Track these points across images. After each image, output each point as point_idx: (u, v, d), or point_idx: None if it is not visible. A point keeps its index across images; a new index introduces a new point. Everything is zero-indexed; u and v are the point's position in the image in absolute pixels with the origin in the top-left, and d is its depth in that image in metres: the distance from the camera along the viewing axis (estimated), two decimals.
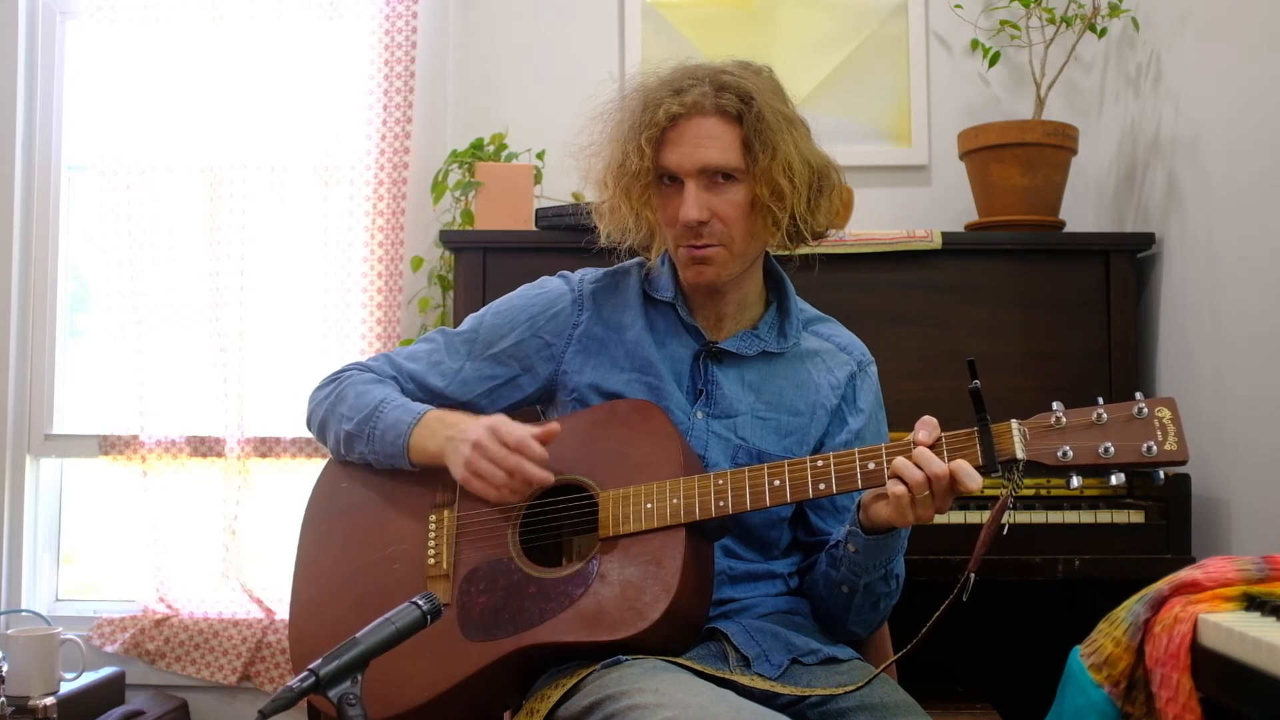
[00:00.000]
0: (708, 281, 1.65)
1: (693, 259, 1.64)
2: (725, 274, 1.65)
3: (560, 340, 1.74)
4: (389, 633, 1.29)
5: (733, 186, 1.60)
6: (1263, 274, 2.08)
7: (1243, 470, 2.16)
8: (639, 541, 1.53)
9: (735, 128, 1.59)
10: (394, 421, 1.66)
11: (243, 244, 2.86)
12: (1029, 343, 2.44)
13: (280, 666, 2.81)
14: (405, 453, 1.66)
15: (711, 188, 1.60)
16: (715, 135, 1.59)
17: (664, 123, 1.59)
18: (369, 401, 1.69)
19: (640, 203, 1.65)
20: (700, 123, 1.59)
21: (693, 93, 1.59)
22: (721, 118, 1.59)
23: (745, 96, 1.59)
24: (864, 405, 1.73)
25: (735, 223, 1.61)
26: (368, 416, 1.68)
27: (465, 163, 2.69)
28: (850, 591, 1.60)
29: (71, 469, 3.05)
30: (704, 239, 1.62)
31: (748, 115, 1.58)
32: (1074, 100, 2.83)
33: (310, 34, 2.87)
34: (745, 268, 1.67)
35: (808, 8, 2.90)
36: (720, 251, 1.63)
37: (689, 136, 1.60)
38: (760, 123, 1.58)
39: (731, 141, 1.59)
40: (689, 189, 1.60)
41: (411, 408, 1.67)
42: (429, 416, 1.66)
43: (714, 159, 1.59)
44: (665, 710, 1.29)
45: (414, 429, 1.65)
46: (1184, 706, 1.16)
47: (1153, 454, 1.38)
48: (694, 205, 1.59)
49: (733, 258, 1.64)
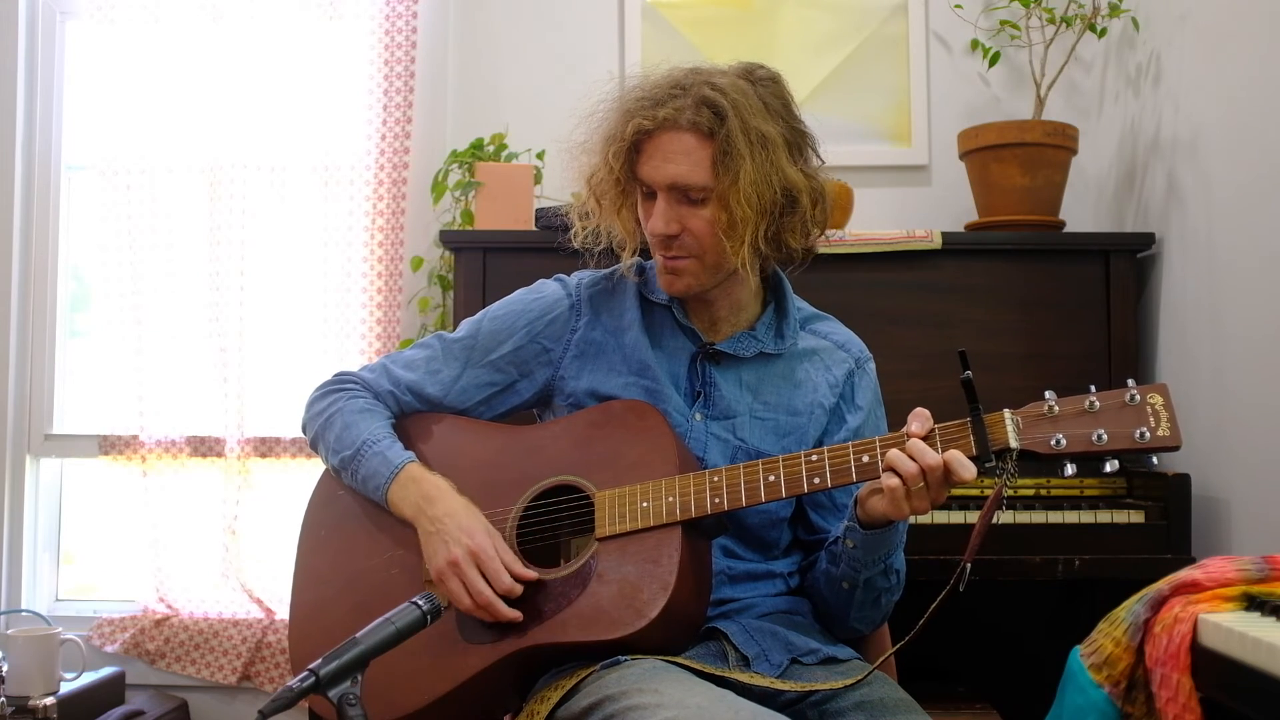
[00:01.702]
0: (679, 292, 1.66)
1: (665, 269, 1.65)
2: (697, 285, 1.65)
3: (558, 346, 1.74)
4: (389, 633, 1.29)
5: (702, 203, 1.59)
6: (1263, 274, 2.08)
7: (1243, 470, 2.15)
8: (636, 540, 1.53)
9: (708, 143, 1.57)
10: (372, 472, 1.66)
11: (243, 244, 2.87)
12: (1029, 343, 2.44)
13: (280, 666, 2.81)
14: (385, 504, 1.67)
15: (683, 202, 1.60)
16: (687, 151, 1.57)
17: (630, 138, 1.59)
18: (353, 439, 1.69)
19: (611, 211, 1.66)
20: (675, 137, 1.58)
21: (669, 106, 1.58)
22: (696, 134, 1.57)
23: (721, 113, 1.56)
24: (862, 403, 1.73)
25: (705, 238, 1.60)
26: (351, 457, 1.69)
27: (465, 163, 2.69)
28: (851, 587, 1.60)
29: (71, 469, 3.05)
30: (674, 251, 1.62)
31: (720, 132, 1.56)
32: (1074, 100, 2.83)
33: (310, 34, 2.87)
34: (722, 279, 1.66)
35: (808, 8, 2.90)
36: (692, 263, 1.63)
37: (662, 150, 1.59)
38: (728, 144, 1.55)
39: (702, 159, 1.57)
40: (659, 202, 1.60)
41: (390, 458, 1.66)
42: (404, 475, 1.65)
43: (682, 176, 1.58)
44: (665, 710, 1.29)
45: (390, 487, 1.65)
46: (1184, 706, 1.16)
47: (1145, 440, 1.38)
48: (661, 219, 1.60)
49: (704, 269, 1.63)
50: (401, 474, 1.65)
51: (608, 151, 1.62)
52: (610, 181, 1.64)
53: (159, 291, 2.87)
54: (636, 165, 1.62)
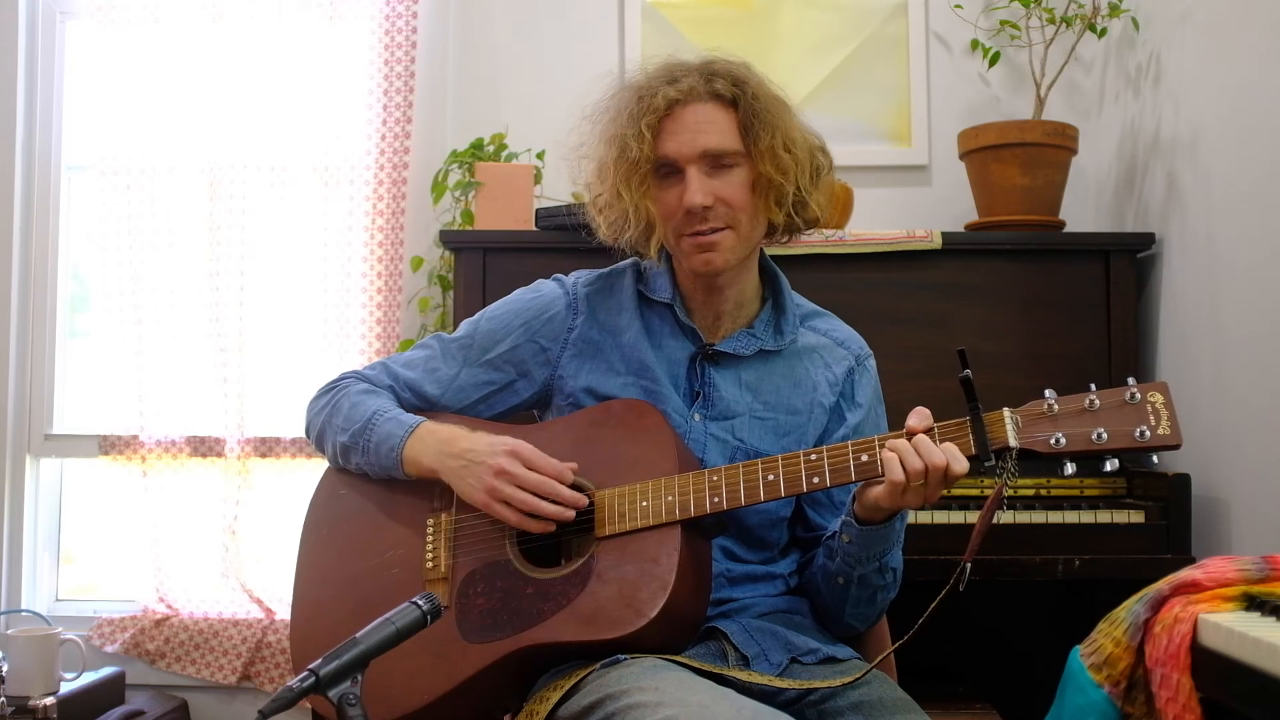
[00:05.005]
0: (719, 267, 1.64)
1: (699, 246, 1.63)
2: (734, 258, 1.64)
3: (556, 345, 1.74)
4: (389, 633, 1.29)
5: (734, 169, 1.61)
6: (1263, 274, 2.08)
7: (1243, 470, 2.15)
8: (635, 540, 1.53)
9: (731, 112, 1.61)
10: (386, 434, 1.67)
11: (243, 244, 2.86)
12: (1029, 343, 2.44)
13: (280, 666, 2.81)
14: (399, 465, 1.66)
15: (713, 172, 1.61)
16: (713, 119, 1.61)
17: (662, 108, 1.61)
18: (363, 413, 1.70)
19: (639, 193, 1.64)
20: (697, 109, 1.61)
21: (686, 81, 1.62)
22: (717, 103, 1.61)
23: (738, 80, 1.62)
24: (862, 400, 1.73)
25: (740, 205, 1.62)
26: (362, 429, 1.69)
27: (465, 163, 2.69)
28: (846, 583, 1.60)
29: (71, 469, 3.05)
30: (710, 223, 1.61)
31: (743, 98, 1.61)
32: (1074, 100, 2.83)
33: (310, 35, 2.86)
34: (750, 253, 1.68)
35: (808, 8, 2.90)
36: (728, 235, 1.62)
37: (687, 123, 1.61)
38: (757, 102, 1.61)
39: (729, 125, 1.61)
40: (691, 175, 1.60)
41: (404, 420, 1.68)
42: (421, 429, 1.66)
43: (714, 143, 1.60)
44: (665, 709, 1.29)
45: (406, 441, 1.65)
46: (1184, 706, 1.16)
47: (1145, 439, 1.38)
48: (698, 190, 1.59)
49: (740, 241, 1.64)
50: (418, 429, 1.66)
51: (640, 125, 1.61)
52: (641, 158, 1.61)
53: (159, 291, 2.87)
54: (657, 145, 1.62)
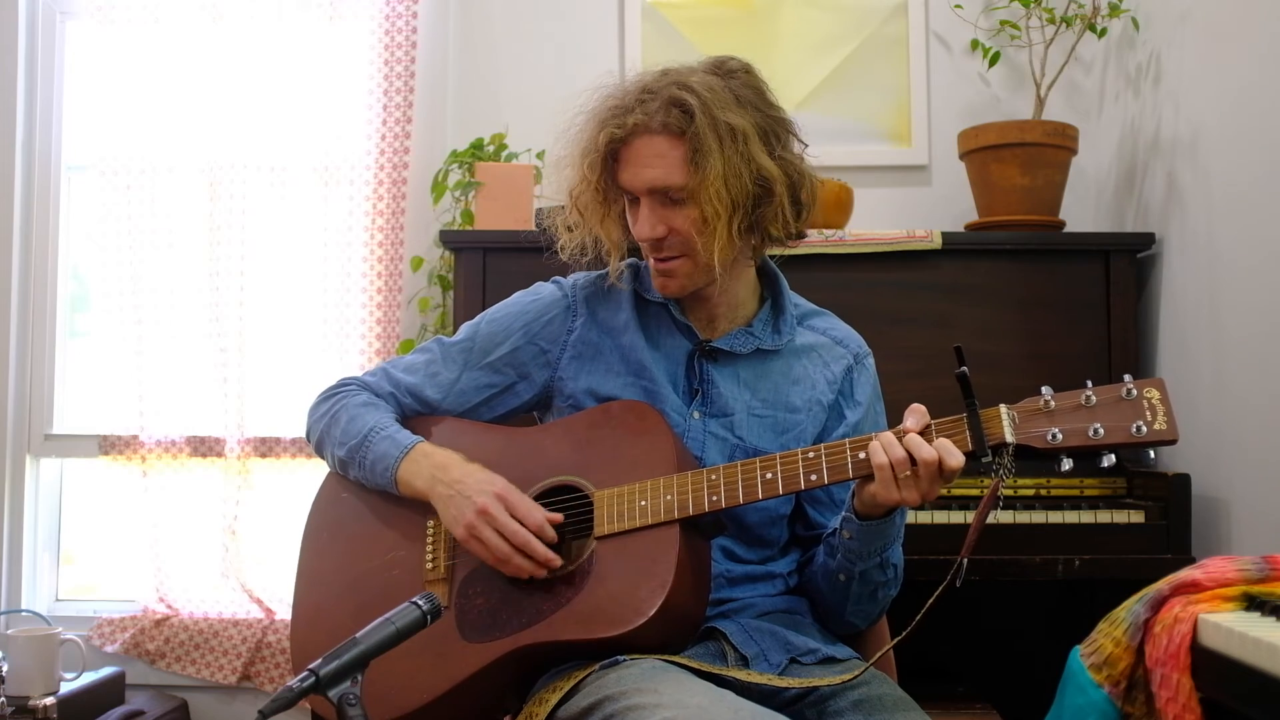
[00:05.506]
0: (673, 293, 1.67)
1: (658, 271, 1.66)
2: (691, 285, 1.65)
3: (555, 347, 1.74)
4: (389, 633, 1.29)
5: (684, 202, 1.59)
6: (1263, 274, 2.08)
7: (1243, 470, 2.15)
8: (634, 539, 1.53)
9: (680, 144, 1.57)
10: (382, 454, 1.67)
11: (243, 244, 2.87)
12: (1029, 343, 2.44)
13: (280, 666, 2.81)
14: (394, 485, 1.67)
15: (665, 204, 1.60)
16: (661, 154, 1.58)
17: (604, 148, 1.60)
18: (359, 429, 1.70)
19: (595, 221, 1.66)
20: (648, 141, 1.59)
21: (639, 112, 1.58)
22: (668, 135, 1.58)
23: (690, 112, 1.56)
24: (861, 398, 1.73)
25: (691, 237, 1.60)
26: (358, 445, 1.69)
27: (465, 163, 2.69)
28: (847, 580, 1.60)
29: (71, 469, 3.05)
30: (664, 252, 1.63)
31: (689, 132, 1.56)
32: (1074, 100, 2.83)
33: (310, 35, 2.87)
34: (715, 277, 1.65)
35: (808, 8, 2.90)
36: (684, 263, 1.63)
37: (637, 156, 1.60)
38: (697, 141, 1.55)
39: (677, 159, 1.57)
40: (642, 207, 1.61)
41: (399, 439, 1.68)
42: (415, 451, 1.66)
43: (659, 179, 1.59)
44: (664, 710, 1.29)
45: (400, 463, 1.66)
46: (1184, 706, 1.16)
47: (1142, 434, 1.39)
48: (646, 223, 1.61)
49: (697, 269, 1.63)
50: (413, 451, 1.66)
51: (584, 164, 1.63)
52: (590, 193, 1.64)
53: (159, 291, 2.87)
54: (616, 173, 1.63)
